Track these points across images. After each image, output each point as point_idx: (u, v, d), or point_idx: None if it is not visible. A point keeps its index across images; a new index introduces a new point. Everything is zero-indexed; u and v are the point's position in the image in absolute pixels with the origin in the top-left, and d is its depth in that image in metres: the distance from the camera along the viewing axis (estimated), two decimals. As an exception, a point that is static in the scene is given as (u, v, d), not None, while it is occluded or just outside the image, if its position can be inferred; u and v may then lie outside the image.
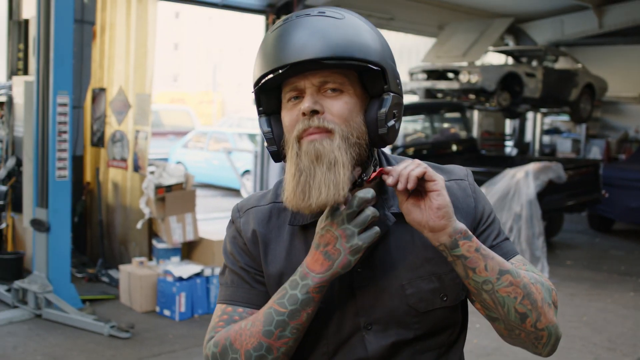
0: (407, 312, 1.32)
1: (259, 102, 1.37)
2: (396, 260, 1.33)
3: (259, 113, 1.38)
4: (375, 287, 1.33)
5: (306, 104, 1.26)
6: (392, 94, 1.30)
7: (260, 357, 1.27)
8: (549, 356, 1.36)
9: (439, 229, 1.23)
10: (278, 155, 1.36)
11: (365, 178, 1.31)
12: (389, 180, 1.23)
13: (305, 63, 1.24)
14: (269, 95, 1.37)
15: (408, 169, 1.22)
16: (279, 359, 1.28)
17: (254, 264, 1.39)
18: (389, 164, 1.41)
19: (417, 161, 1.24)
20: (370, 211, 1.22)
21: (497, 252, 1.36)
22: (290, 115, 1.30)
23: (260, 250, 1.39)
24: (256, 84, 1.31)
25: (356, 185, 1.30)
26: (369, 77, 1.31)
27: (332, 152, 1.24)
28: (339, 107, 1.27)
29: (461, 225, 1.25)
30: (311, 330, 1.34)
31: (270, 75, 1.27)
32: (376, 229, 1.23)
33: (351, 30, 1.27)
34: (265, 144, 1.37)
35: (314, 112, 1.26)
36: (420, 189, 1.24)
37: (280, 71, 1.25)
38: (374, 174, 1.29)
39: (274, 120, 1.37)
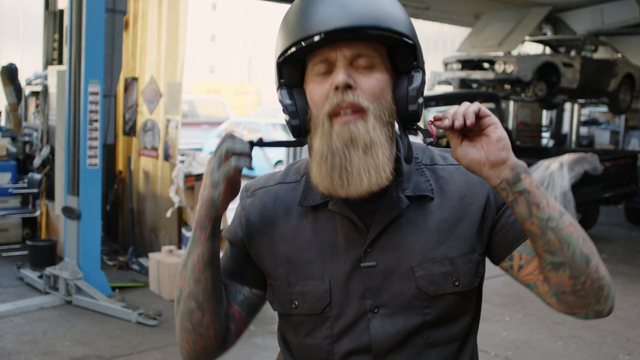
0: (417, 296, 1.27)
1: (280, 74, 1.30)
2: (407, 242, 1.28)
3: (281, 85, 1.30)
4: (384, 268, 1.28)
5: (340, 77, 1.20)
6: (420, 71, 1.26)
7: (177, 296, 1.33)
8: (609, 314, 1.27)
9: (501, 162, 1.18)
10: (299, 130, 1.29)
11: (430, 141, 1.26)
12: (445, 122, 1.17)
13: (344, 31, 1.17)
14: (292, 68, 1.29)
15: (462, 107, 1.18)
16: (187, 303, 1.31)
17: (245, 240, 1.38)
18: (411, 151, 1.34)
19: (466, 102, 1.19)
20: (225, 144, 1.22)
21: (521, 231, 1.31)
22: (320, 90, 1.23)
23: (263, 232, 1.36)
24: (282, 54, 1.25)
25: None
26: (398, 54, 1.27)
27: (367, 134, 1.19)
28: (372, 83, 1.22)
29: (519, 161, 1.20)
30: (314, 311, 1.31)
31: (302, 44, 1.20)
32: (233, 162, 1.21)
33: (387, 2, 1.23)
34: (287, 117, 1.29)
35: (348, 87, 1.20)
36: (472, 131, 1.20)
37: (315, 39, 1.18)
38: (431, 129, 1.24)
39: (297, 94, 1.29)
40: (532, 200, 1.19)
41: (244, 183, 1.45)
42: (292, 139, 1.31)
